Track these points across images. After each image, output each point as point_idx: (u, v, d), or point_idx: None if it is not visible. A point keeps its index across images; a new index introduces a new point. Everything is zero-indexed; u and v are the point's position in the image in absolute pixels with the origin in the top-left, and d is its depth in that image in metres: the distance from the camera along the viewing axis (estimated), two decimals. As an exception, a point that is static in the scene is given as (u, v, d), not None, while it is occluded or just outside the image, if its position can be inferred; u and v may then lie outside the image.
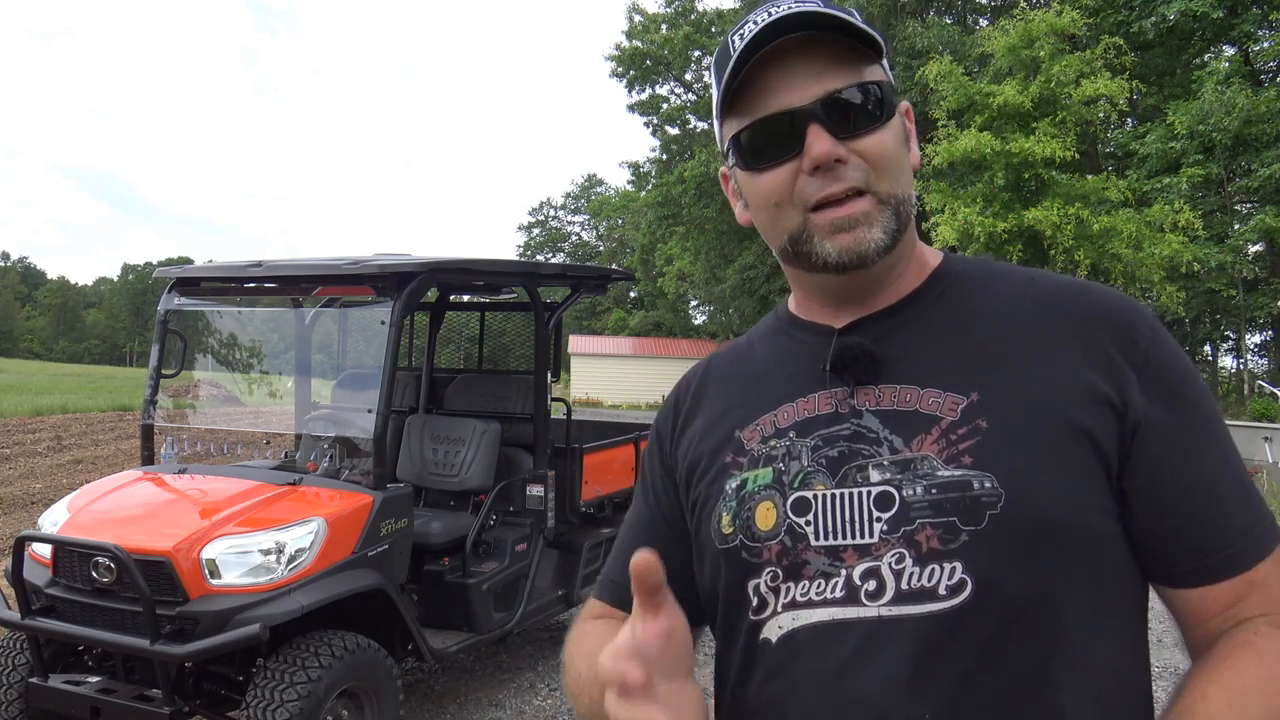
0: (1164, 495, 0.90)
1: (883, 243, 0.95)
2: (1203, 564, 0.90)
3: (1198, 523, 0.90)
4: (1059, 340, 0.94)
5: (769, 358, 1.10)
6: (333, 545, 3.96)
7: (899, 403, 0.95)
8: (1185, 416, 0.92)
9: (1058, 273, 1.04)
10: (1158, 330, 0.95)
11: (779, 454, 0.99)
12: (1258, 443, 10.89)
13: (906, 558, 0.89)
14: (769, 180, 0.97)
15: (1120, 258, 17.30)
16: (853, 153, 0.93)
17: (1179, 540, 0.91)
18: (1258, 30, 20.70)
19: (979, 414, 0.91)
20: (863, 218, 0.94)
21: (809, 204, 0.95)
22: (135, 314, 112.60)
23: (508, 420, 5.61)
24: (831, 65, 0.94)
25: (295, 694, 3.60)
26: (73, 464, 13.26)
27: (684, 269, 38.24)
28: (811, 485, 0.95)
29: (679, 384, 1.20)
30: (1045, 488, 0.87)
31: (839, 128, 0.93)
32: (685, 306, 50.55)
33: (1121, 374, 0.91)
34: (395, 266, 4.47)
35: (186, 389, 5.57)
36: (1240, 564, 0.90)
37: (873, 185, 0.94)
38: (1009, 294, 1.00)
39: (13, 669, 4.04)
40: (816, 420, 0.99)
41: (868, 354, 0.97)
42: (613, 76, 37.15)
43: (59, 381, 34.78)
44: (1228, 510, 0.91)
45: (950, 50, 21.88)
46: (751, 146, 0.97)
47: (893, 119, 0.96)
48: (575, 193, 77.23)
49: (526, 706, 5.08)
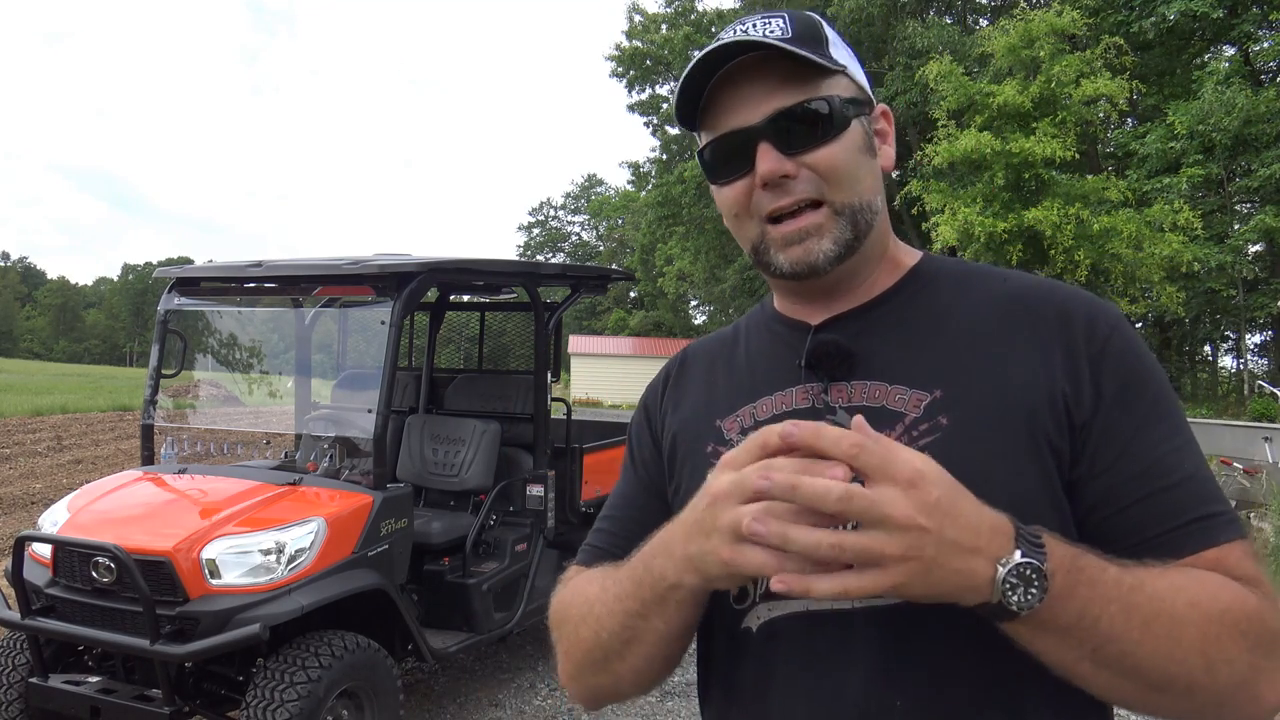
0: (1104, 480, 0.91)
1: (832, 253, 0.99)
2: (1144, 546, 0.89)
3: (1139, 506, 0.90)
4: (1023, 338, 0.97)
5: (752, 350, 1.14)
6: (333, 545, 3.96)
7: (869, 398, 0.99)
8: (1136, 407, 0.93)
9: (1052, 273, 1.04)
10: (1118, 326, 0.97)
11: None
12: (1258, 443, 10.88)
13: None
14: (729, 194, 1.02)
15: (1120, 258, 17.30)
16: (803, 166, 0.98)
17: (1123, 525, 0.91)
18: (1258, 30, 20.72)
19: (940, 411, 0.95)
20: (813, 229, 0.99)
21: (763, 215, 1.00)
22: (135, 314, 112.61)
23: (508, 420, 5.61)
24: (783, 84, 0.98)
25: (295, 694, 3.60)
26: (73, 464, 13.26)
27: (684, 269, 38.27)
28: None
29: (669, 362, 1.24)
30: (997, 484, 0.87)
31: (787, 144, 0.97)
32: (685, 306, 50.59)
33: (1079, 368, 0.93)
34: (395, 266, 4.47)
35: (186, 389, 5.57)
36: (1184, 546, 0.89)
37: (827, 196, 0.98)
38: (981, 293, 1.03)
39: (13, 669, 4.03)
40: (794, 414, 1.02)
41: (842, 351, 1.01)
42: (613, 76, 37.20)
43: (59, 381, 34.78)
44: (1175, 497, 0.90)
45: (950, 50, 21.88)
46: (713, 162, 1.03)
47: (846, 131, 0.99)
48: (575, 193, 77.34)
49: (526, 706, 5.08)
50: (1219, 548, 0.89)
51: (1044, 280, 1.04)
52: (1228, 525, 0.91)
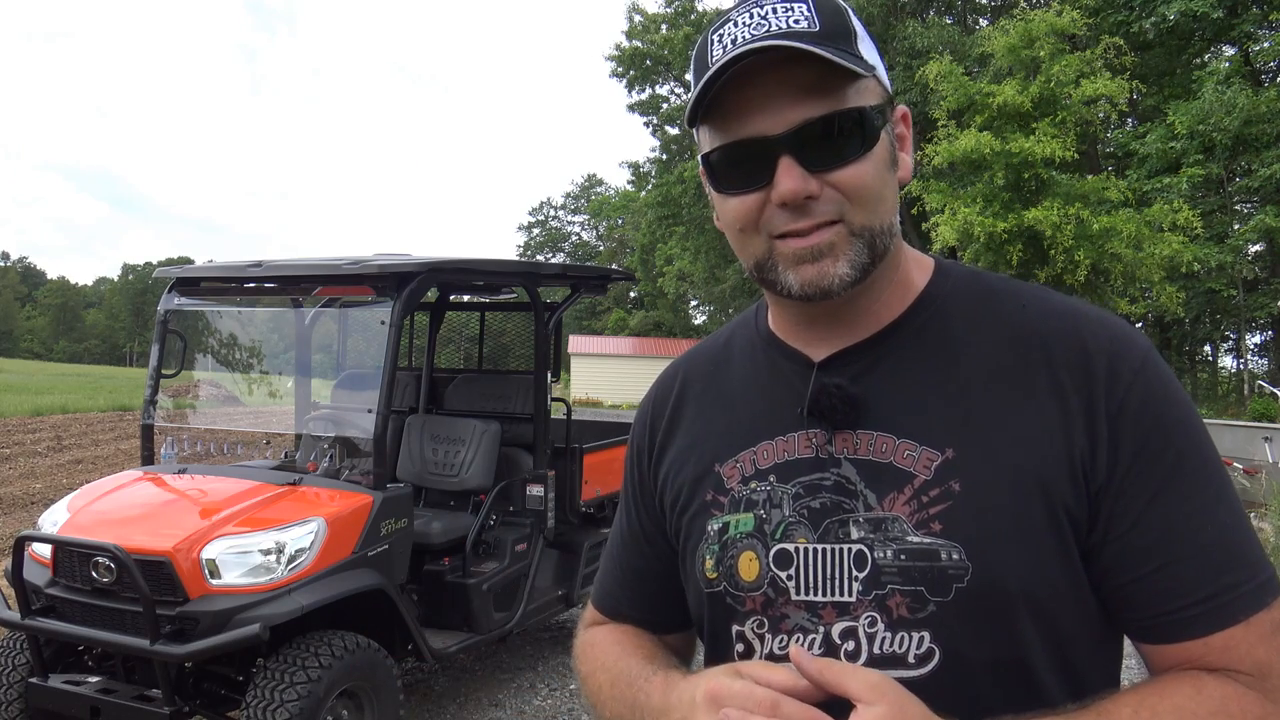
0: (1115, 549, 0.87)
1: (848, 277, 0.90)
2: (1151, 624, 0.87)
3: (1149, 582, 0.86)
4: (1041, 386, 0.90)
5: (747, 380, 1.06)
6: (333, 545, 3.96)
7: (875, 453, 0.93)
8: (1154, 467, 0.86)
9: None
10: (1142, 371, 0.89)
11: (760, 499, 0.97)
12: (1258, 443, 10.89)
13: (879, 622, 0.89)
14: (737, 206, 0.92)
15: (1120, 258, 17.30)
16: (826, 185, 0.88)
17: (1133, 597, 0.87)
18: (1258, 30, 20.72)
19: (952, 475, 0.89)
20: (827, 249, 0.89)
21: (774, 234, 0.91)
22: (135, 314, 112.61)
23: (508, 420, 5.61)
24: (810, 89, 0.87)
25: (295, 694, 3.60)
26: (73, 464, 13.26)
27: (684, 269, 38.27)
28: (793, 537, 0.94)
29: (653, 393, 1.16)
30: (1011, 562, 0.85)
31: (813, 160, 0.87)
32: (685, 306, 50.58)
33: (1097, 426, 0.87)
34: (395, 266, 4.47)
35: (186, 389, 5.56)
36: (1192, 629, 0.84)
37: (847, 217, 0.89)
38: (996, 325, 0.95)
39: (13, 669, 4.03)
40: (798, 465, 0.97)
41: (846, 399, 0.94)
42: (613, 76, 37.21)
43: (59, 381, 34.80)
44: (1189, 571, 0.85)
45: (950, 50, 21.89)
46: (721, 169, 0.93)
47: (875, 147, 0.90)
48: (575, 193, 77.38)
49: (526, 706, 5.08)
50: (1230, 630, 0.84)
51: (1064, 308, 0.95)
52: (1245, 599, 0.84)
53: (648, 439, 1.13)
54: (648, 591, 1.15)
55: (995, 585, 0.86)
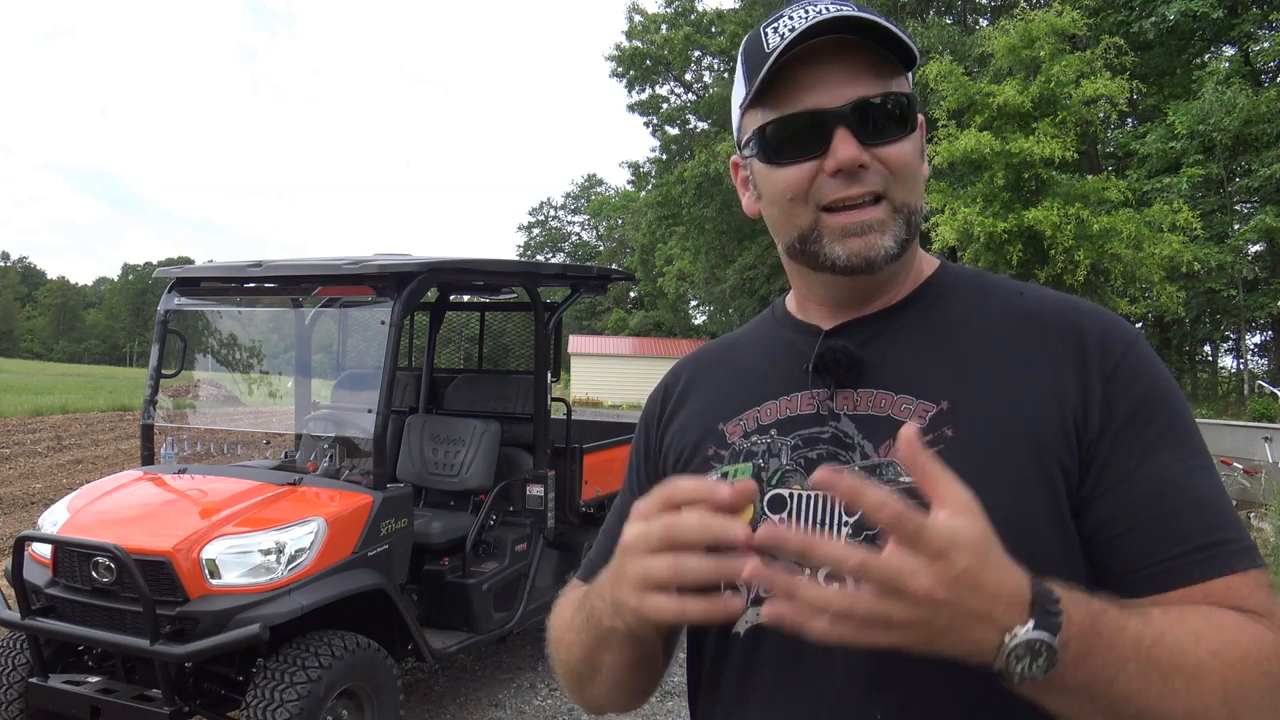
0: (1110, 500, 0.89)
1: (892, 251, 0.96)
2: (1148, 572, 0.87)
3: (1145, 530, 0.88)
4: (1035, 353, 0.95)
5: (758, 354, 1.12)
6: (333, 545, 3.96)
7: (874, 408, 0.97)
8: (1147, 429, 0.90)
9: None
10: (1134, 346, 0.95)
11: (760, 450, 1.01)
12: (1258, 443, 10.90)
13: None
14: (787, 176, 0.97)
15: (1120, 258, 17.32)
16: (875, 159, 0.95)
17: (1126, 549, 0.88)
18: (1258, 30, 20.73)
19: (946, 422, 0.93)
20: (876, 225, 0.95)
21: (823, 203, 0.96)
22: (135, 314, 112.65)
23: (508, 420, 5.61)
24: (865, 71, 0.95)
25: (295, 694, 3.60)
26: (73, 464, 13.26)
27: (684, 269, 38.27)
28: (788, 484, 0.97)
29: (668, 375, 1.21)
30: (998, 499, 0.84)
31: (865, 133, 0.94)
32: (685, 306, 50.58)
33: (1090, 387, 0.92)
34: (395, 266, 4.47)
35: (186, 389, 5.57)
36: (1193, 573, 0.86)
37: (890, 193, 0.96)
38: (996, 306, 1.01)
39: (13, 669, 4.03)
40: (798, 420, 1.01)
41: (849, 357, 0.99)
42: (613, 76, 37.17)
43: (59, 381, 34.79)
44: (1183, 522, 0.87)
45: (950, 50, 21.88)
46: (776, 140, 0.98)
47: (915, 131, 0.98)
48: (575, 193, 77.37)
49: (526, 706, 5.09)
50: (1228, 577, 0.86)
51: (1061, 296, 1.02)
52: (1239, 554, 0.87)
53: (656, 412, 1.17)
54: None
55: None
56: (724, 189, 29.69)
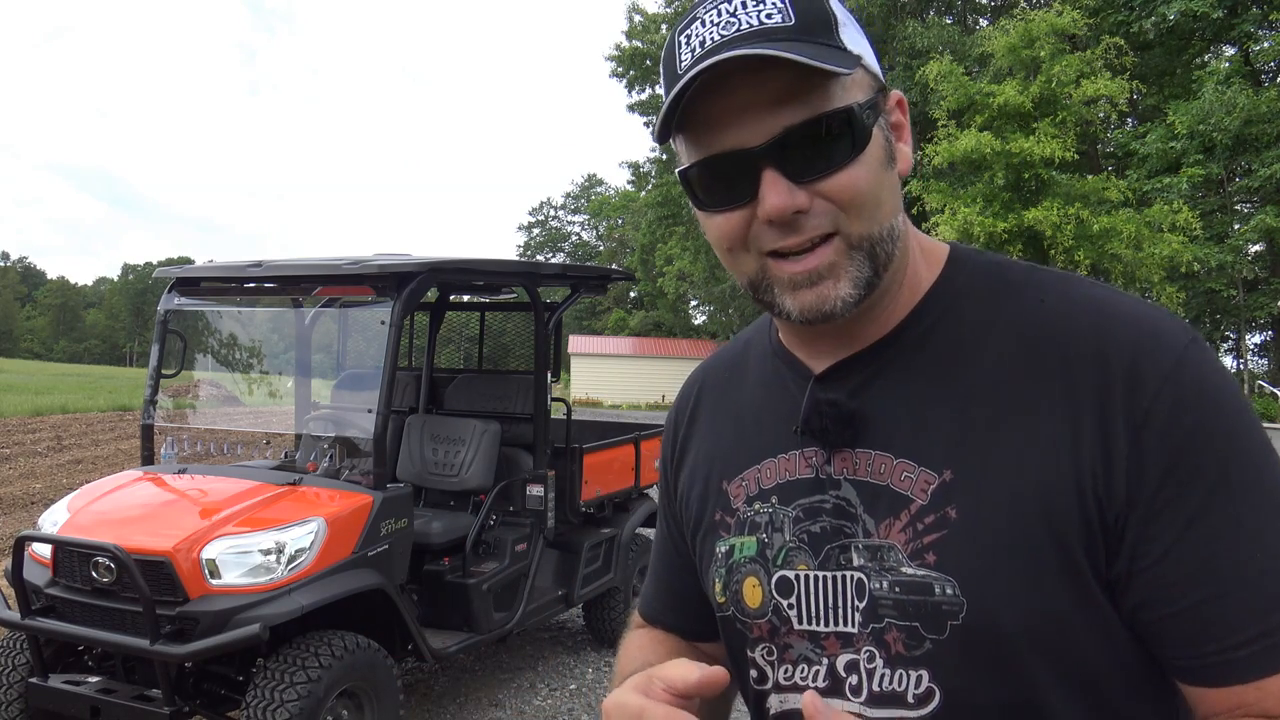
0: (1149, 582, 0.77)
1: (851, 298, 0.82)
2: (1195, 664, 0.77)
3: (1191, 617, 0.76)
4: (1051, 391, 0.81)
5: (756, 392, 1.02)
6: (333, 545, 3.96)
7: (873, 474, 0.87)
8: (1188, 488, 0.76)
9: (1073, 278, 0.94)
10: (1174, 374, 0.77)
11: (762, 522, 0.94)
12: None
13: (877, 657, 0.85)
14: (720, 224, 0.84)
15: (1120, 258, 17.32)
16: (816, 195, 0.80)
17: (1171, 633, 0.78)
18: (1258, 30, 20.72)
19: (949, 500, 0.82)
20: (827, 270, 0.81)
21: (764, 250, 0.83)
22: (135, 314, 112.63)
23: (508, 420, 5.61)
24: (788, 93, 0.78)
25: (295, 694, 3.60)
26: (73, 464, 13.26)
27: (684, 269, 38.24)
28: (794, 564, 0.91)
29: (676, 403, 1.14)
30: (1010, 598, 0.78)
31: (799, 169, 0.79)
32: (685, 306, 50.55)
33: (1116, 443, 0.77)
34: (395, 266, 4.47)
35: (186, 389, 5.57)
36: (1241, 672, 0.75)
37: (842, 227, 0.81)
38: (1010, 323, 0.86)
39: (13, 669, 4.03)
40: (798, 485, 0.92)
41: (841, 417, 0.88)
42: (613, 76, 37.20)
43: (59, 381, 34.80)
44: (1235, 608, 0.75)
45: (950, 50, 21.90)
46: (701, 185, 0.84)
47: (868, 147, 0.81)
48: (575, 193, 77.35)
49: (526, 706, 5.08)
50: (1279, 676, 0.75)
51: (1088, 302, 0.84)
52: None
53: (670, 450, 1.11)
54: (679, 599, 1.13)
55: (992, 623, 0.79)
56: (724, 189, 29.66)
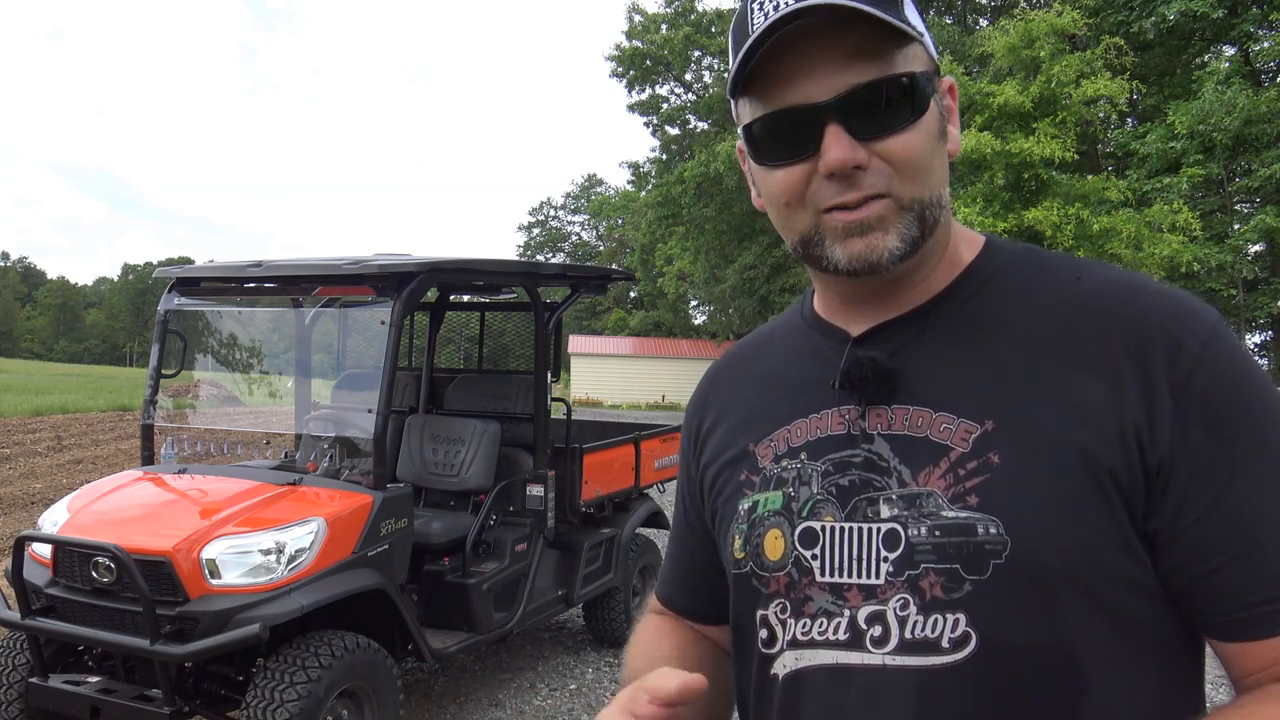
0: (1189, 538, 0.80)
1: (898, 251, 0.86)
2: (1234, 617, 0.80)
3: (1230, 571, 0.79)
4: (1092, 357, 0.83)
5: (786, 361, 1.04)
6: (333, 545, 3.96)
7: (910, 427, 0.88)
8: (1230, 448, 0.79)
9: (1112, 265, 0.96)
10: (1211, 344, 0.81)
11: (790, 477, 0.95)
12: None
13: (911, 604, 0.84)
14: (781, 179, 0.88)
15: (1120, 258, 17.31)
16: (875, 155, 0.84)
17: (1213, 589, 0.80)
18: (1258, 30, 20.71)
19: (991, 446, 0.84)
20: (877, 222, 0.85)
21: (821, 207, 0.87)
22: (135, 314, 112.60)
23: (508, 420, 5.61)
24: (858, 53, 0.83)
25: (295, 694, 3.60)
26: (73, 464, 13.26)
27: (684, 269, 38.23)
28: (820, 515, 0.91)
29: (701, 384, 1.16)
30: (1053, 536, 0.80)
31: (861, 128, 0.83)
32: (685, 306, 50.53)
33: (1158, 399, 0.80)
34: (395, 266, 4.47)
35: (186, 389, 5.57)
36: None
37: (895, 189, 0.85)
38: (1047, 296, 0.89)
39: (13, 669, 4.03)
40: (828, 441, 0.93)
41: (880, 371, 0.90)
42: (613, 76, 37.15)
43: (59, 381, 34.81)
44: (1273, 558, 0.78)
45: (950, 50, 21.90)
46: (764, 141, 0.89)
47: (925, 115, 0.86)
48: (575, 193, 77.30)
49: (526, 706, 5.08)
50: None
51: (1124, 280, 0.89)
52: None
53: (693, 428, 1.12)
54: (694, 582, 1.15)
55: (1036, 561, 0.80)
56: (724, 189, 29.66)
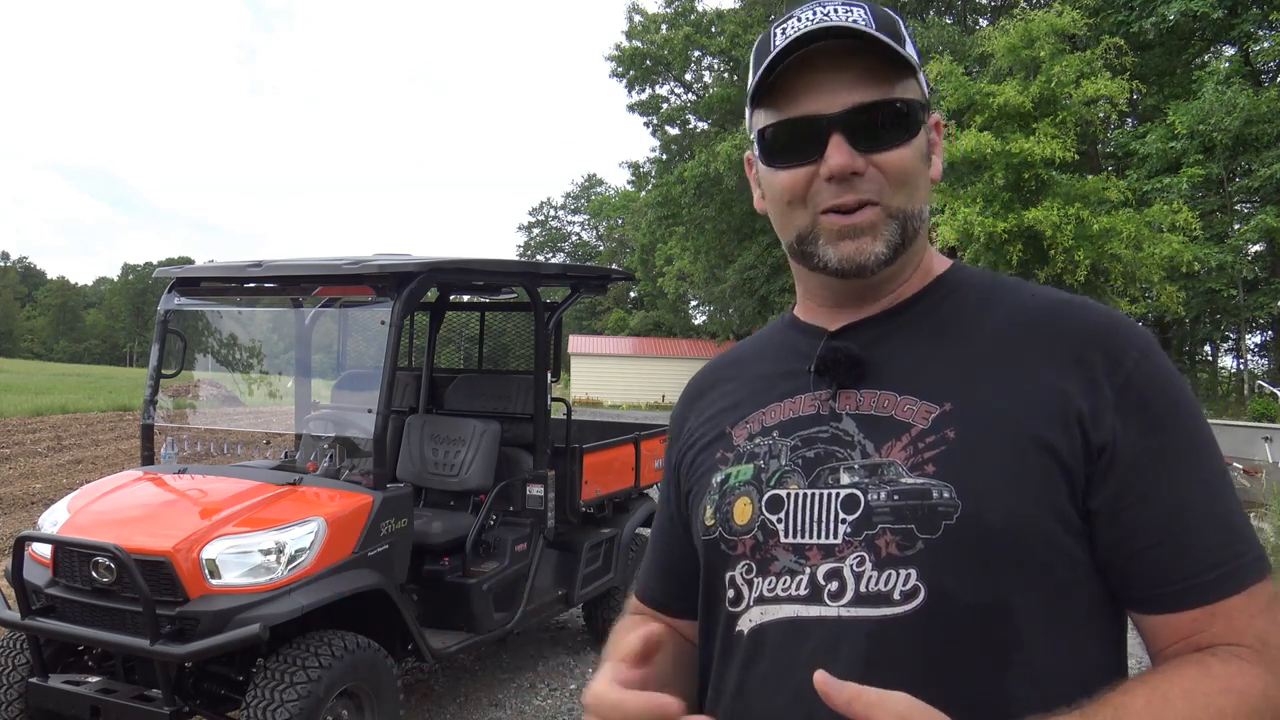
0: (1128, 519, 0.90)
1: (883, 255, 0.98)
2: (1162, 591, 0.89)
3: (1161, 550, 0.89)
4: (1043, 356, 0.95)
5: (766, 358, 1.14)
6: (333, 545, 3.96)
7: (877, 408, 0.98)
8: (1162, 441, 0.91)
9: (1052, 273, 1.04)
10: (1147, 352, 0.94)
11: (761, 451, 1.03)
12: (1258, 443, 10.88)
13: (866, 561, 0.92)
14: (786, 179, 1.00)
15: (1120, 258, 17.31)
16: (871, 165, 0.97)
17: (1140, 566, 0.90)
18: (1258, 30, 20.71)
19: (948, 424, 0.93)
20: (868, 228, 0.97)
21: (820, 208, 0.99)
22: (135, 314, 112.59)
23: (508, 420, 5.61)
24: (864, 78, 0.97)
25: (295, 694, 3.60)
26: (73, 464, 13.26)
27: (684, 269, 38.23)
28: (786, 484, 0.99)
29: (687, 386, 1.25)
30: (1000, 500, 0.89)
31: (861, 140, 0.96)
32: (685, 306, 50.54)
33: (1100, 394, 0.91)
34: (395, 266, 4.47)
35: (186, 389, 5.57)
36: (1203, 596, 0.88)
37: (885, 199, 0.97)
38: (1006, 306, 1.01)
39: (13, 669, 4.03)
40: (799, 421, 1.03)
41: (851, 358, 1.01)
42: (613, 76, 37.15)
43: (59, 381, 34.80)
44: (1197, 540, 0.89)
45: (950, 50, 21.91)
46: (775, 144, 1.01)
47: (916, 137, 0.99)
48: (575, 193, 77.30)
49: (526, 706, 5.09)
50: (1232, 599, 0.88)
51: (1074, 298, 1.02)
52: (1247, 568, 0.89)
53: (677, 428, 1.21)
54: (672, 574, 1.20)
55: (983, 523, 0.89)
56: (724, 189, 29.68)
